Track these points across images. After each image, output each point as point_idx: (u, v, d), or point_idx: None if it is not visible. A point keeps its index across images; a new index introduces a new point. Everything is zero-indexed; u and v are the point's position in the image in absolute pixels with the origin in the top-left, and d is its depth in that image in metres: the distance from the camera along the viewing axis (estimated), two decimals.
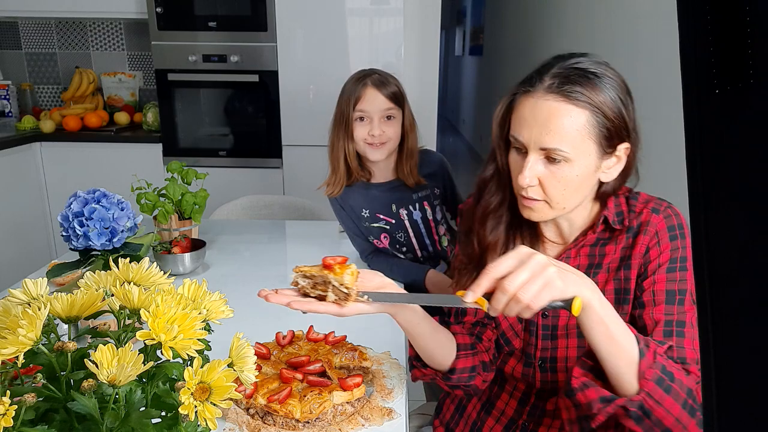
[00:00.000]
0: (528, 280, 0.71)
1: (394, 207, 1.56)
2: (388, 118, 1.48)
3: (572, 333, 0.95)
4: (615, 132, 0.86)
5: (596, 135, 0.86)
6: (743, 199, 0.24)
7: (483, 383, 0.98)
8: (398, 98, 1.48)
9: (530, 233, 0.99)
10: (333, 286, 0.81)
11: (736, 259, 0.24)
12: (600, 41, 2.99)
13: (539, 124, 0.86)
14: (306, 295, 0.83)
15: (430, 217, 1.59)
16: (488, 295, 0.75)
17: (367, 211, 1.56)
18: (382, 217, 1.56)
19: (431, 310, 0.94)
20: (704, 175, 0.25)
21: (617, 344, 0.75)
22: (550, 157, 0.87)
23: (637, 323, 0.88)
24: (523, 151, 0.89)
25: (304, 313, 0.83)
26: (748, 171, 0.23)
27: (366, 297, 0.82)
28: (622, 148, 0.89)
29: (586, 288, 0.75)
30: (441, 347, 0.94)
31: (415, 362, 0.98)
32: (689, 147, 0.25)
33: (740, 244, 0.24)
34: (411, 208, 1.57)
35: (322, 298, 0.82)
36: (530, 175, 0.88)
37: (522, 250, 0.75)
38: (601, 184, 0.93)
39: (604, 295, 0.90)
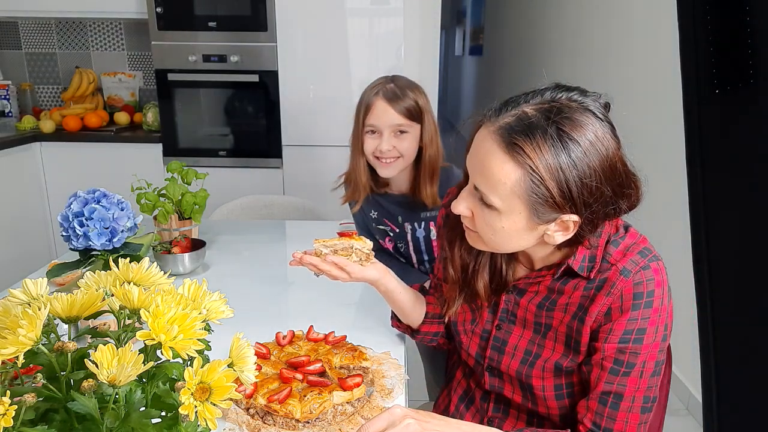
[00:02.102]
0: None
1: (400, 219, 1.53)
2: (401, 132, 1.38)
3: (517, 356, 0.95)
4: (553, 202, 0.77)
5: (528, 200, 0.77)
6: (743, 198, 0.24)
7: (447, 345, 1.14)
8: (413, 113, 1.38)
9: (502, 255, 0.96)
10: (356, 249, 0.99)
11: (736, 259, 0.24)
12: (599, 41, 2.99)
13: (477, 162, 0.81)
14: None
15: (434, 238, 1.53)
16: None
17: (376, 213, 1.55)
18: (388, 223, 1.55)
19: (413, 279, 1.10)
20: (704, 175, 0.25)
21: None
22: (482, 198, 0.82)
23: (583, 374, 0.89)
24: None
25: (317, 275, 1.04)
26: (748, 170, 0.24)
27: None
28: (569, 220, 0.80)
29: None
30: (413, 312, 1.10)
31: (393, 316, 1.15)
32: (689, 147, 0.25)
33: (740, 244, 0.24)
34: (416, 225, 1.52)
35: None
36: (462, 205, 0.85)
37: (395, 412, 0.75)
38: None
39: (555, 335, 0.90)
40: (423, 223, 1.52)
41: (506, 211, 0.80)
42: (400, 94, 1.38)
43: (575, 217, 0.79)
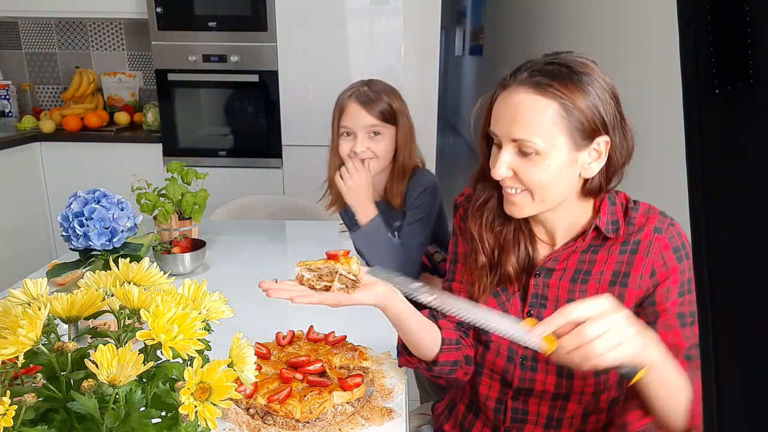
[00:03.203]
0: (604, 334, 0.69)
1: None
2: (376, 133, 1.40)
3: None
4: (588, 125, 0.84)
5: (567, 127, 0.84)
6: (743, 199, 0.24)
7: (464, 375, 1.02)
8: (387, 115, 1.40)
9: (525, 232, 0.98)
10: (340, 274, 0.84)
11: (736, 259, 0.24)
12: (600, 41, 2.99)
13: (509, 116, 0.86)
14: (311, 288, 0.86)
15: None
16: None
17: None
18: None
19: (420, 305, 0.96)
20: (704, 175, 0.25)
21: (674, 394, 0.76)
22: (522, 150, 0.86)
23: None
24: (500, 146, 0.90)
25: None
26: (748, 170, 0.23)
27: (434, 296, 0.82)
28: (601, 142, 0.86)
29: (653, 348, 0.73)
30: (426, 340, 0.96)
31: (402, 350, 1.01)
32: (689, 147, 0.25)
33: (740, 244, 0.24)
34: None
35: (328, 289, 0.85)
36: (503, 166, 0.88)
37: (606, 300, 0.71)
38: (585, 181, 0.90)
39: None
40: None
41: (549, 148, 0.84)
42: (373, 97, 1.39)
43: (606, 138, 0.86)
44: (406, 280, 0.85)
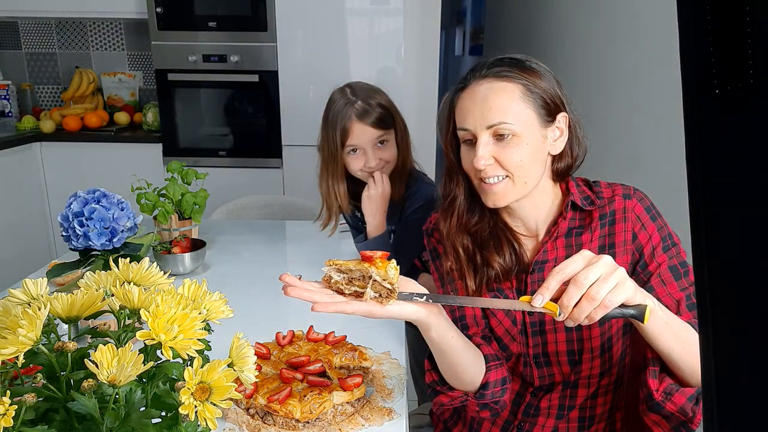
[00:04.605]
0: (600, 279, 0.69)
1: None
2: (382, 143, 1.41)
3: (560, 328, 0.96)
4: (551, 101, 0.90)
5: (534, 105, 0.89)
6: (743, 198, 0.24)
7: (510, 394, 0.97)
8: (385, 120, 1.40)
9: (501, 227, 0.99)
10: (374, 281, 0.73)
11: (736, 259, 0.24)
12: (600, 41, 2.99)
13: (480, 106, 0.89)
14: (339, 291, 0.76)
15: None
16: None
17: (360, 214, 1.56)
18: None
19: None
20: (704, 175, 0.25)
21: (684, 340, 0.77)
22: (498, 135, 0.89)
23: None
24: (473, 141, 0.92)
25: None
26: (748, 171, 0.24)
27: (424, 298, 0.76)
28: (562, 118, 0.92)
29: (646, 295, 0.74)
30: (471, 362, 0.89)
31: (439, 387, 0.93)
32: (689, 147, 0.25)
33: (740, 244, 0.24)
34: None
35: (358, 296, 0.75)
36: (484, 154, 0.89)
37: (588, 253, 0.72)
38: (553, 160, 0.94)
39: None
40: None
41: (523, 127, 0.88)
42: (369, 107, 1.38)
43: (565, 114, 0.92)
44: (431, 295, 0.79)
